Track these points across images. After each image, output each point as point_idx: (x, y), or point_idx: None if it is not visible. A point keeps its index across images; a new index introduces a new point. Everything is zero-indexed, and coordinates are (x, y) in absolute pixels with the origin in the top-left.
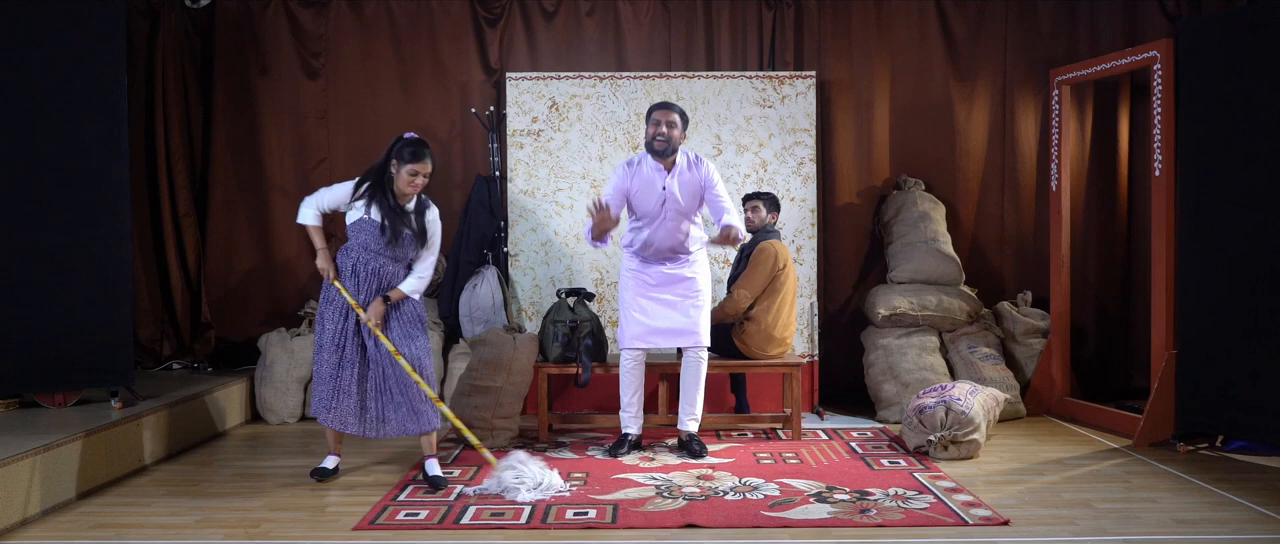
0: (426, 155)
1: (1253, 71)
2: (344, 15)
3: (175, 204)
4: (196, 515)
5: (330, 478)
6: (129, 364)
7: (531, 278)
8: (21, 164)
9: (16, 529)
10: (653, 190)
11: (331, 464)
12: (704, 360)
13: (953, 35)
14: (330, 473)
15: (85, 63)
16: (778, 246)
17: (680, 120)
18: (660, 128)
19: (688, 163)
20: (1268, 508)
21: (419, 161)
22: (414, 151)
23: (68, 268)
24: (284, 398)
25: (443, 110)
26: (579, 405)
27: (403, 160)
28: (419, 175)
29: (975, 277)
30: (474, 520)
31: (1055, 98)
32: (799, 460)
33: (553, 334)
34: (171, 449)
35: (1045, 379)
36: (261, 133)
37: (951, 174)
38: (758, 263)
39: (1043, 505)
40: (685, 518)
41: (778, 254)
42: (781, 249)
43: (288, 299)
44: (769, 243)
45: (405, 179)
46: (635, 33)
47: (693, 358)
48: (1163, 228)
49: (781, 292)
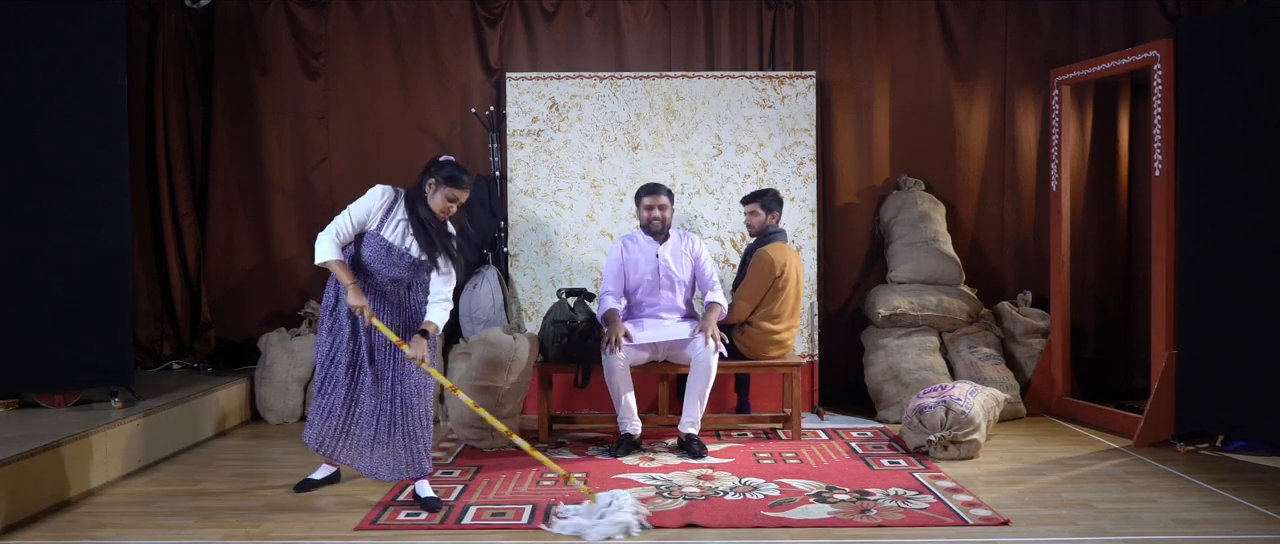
0: (468, 183)
1: (1253, 71)
2: (344, 15)
3: (175, 204)
4: (196, 515)
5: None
6: (129, 364)
7: (531, 278)
8: (21, 164)
9: (17, 529)
10: (647, 261)
11: (322, 474)
12: (713, 364)
13: (953, 35)
14: (318, 483)
15: (85, 63)
16: (774, 252)
17: (668, 200)
18: (652, 212)
19: (680, 235)
20: (1268, 508)
21: (461, 188)
22: (456, 176)
23: (68, 268)
24: (284, 398)
25: (443, 110)
26: (579, 405)
27: (443, 182)
28: (457, 202)
29: (975, 277)
30: (474, 520)
31: (1055, 98)
32: (799, 460)
33: (553, 334)
34: (171, 449)
35: (1045, 379)
36: (261, 133)
37: (951, 174)
38: (755, 271)
39: (1043, 505)
40: (685, 518)
41: (773, 260)
42: (779, 253)
43: (288, 299)
44: (766, 249)
45: (442, 203)
46: (635, 33)
47: (702, 357)
48: (1163, 228)
49: (782, 295)
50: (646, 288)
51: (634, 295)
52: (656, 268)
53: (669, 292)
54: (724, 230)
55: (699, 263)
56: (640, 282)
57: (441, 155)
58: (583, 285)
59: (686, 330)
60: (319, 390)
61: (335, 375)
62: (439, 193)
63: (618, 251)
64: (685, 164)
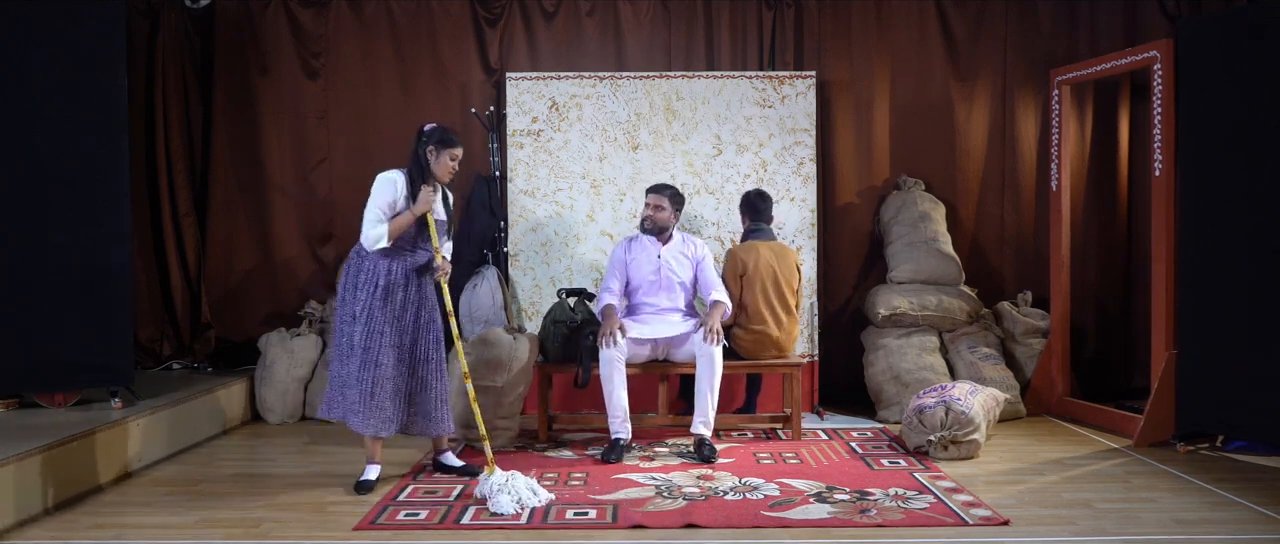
0: (458, 140)
1: (1253, 71)
2: (344, 15)
3: (175, 204)
4: (196, 515)
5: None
6: (129, 364)
7: (531, 278)
8: (21, 164)
9: (17, 529)
10: (649, 261)
11: (375, 474)
12: (718, 359)
13: (953, 35)
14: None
15: (85, 63)
16: (740, 252)
17: (669, 202)
18: (648, 210)
19: (682, 238)
20: (1268, 508)
21: (456, 146)
22: (448, 136)
23: (68, 268)
24: (284, 398)
25: (443, 110)
26: (579, 405)
27: (442, 146)
28: (457, 161)
29: (975, 277)
30: (474, 520)
31: (1055, 98)
32: (799, 460)
33: (553, 334)
34: (171, 449)
35: (1045, 379)
36: (261, 133)
37: (951, 174)
38: (723, 271)
39: (1043, 505)
40: (685, 518)
41: (738, 258)
42: (744, 252)
43: (288, 299)
44: (733, 248)
45: (446, 165)
46: (635, 33)
47: (705, 350)
48: (1163, 228)
49: (753, 291)
50: (647, 288)
51: (635, 295)
52: (658, 269)
53: (669, 292)
54: (724, 230)
55: (701, 267)
56: (641, 282)
57: (424, 124)
58: (583, 285)
59: (686, 327)
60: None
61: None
62: (442, 156)
63: (621, 251)
64: (685, 164)
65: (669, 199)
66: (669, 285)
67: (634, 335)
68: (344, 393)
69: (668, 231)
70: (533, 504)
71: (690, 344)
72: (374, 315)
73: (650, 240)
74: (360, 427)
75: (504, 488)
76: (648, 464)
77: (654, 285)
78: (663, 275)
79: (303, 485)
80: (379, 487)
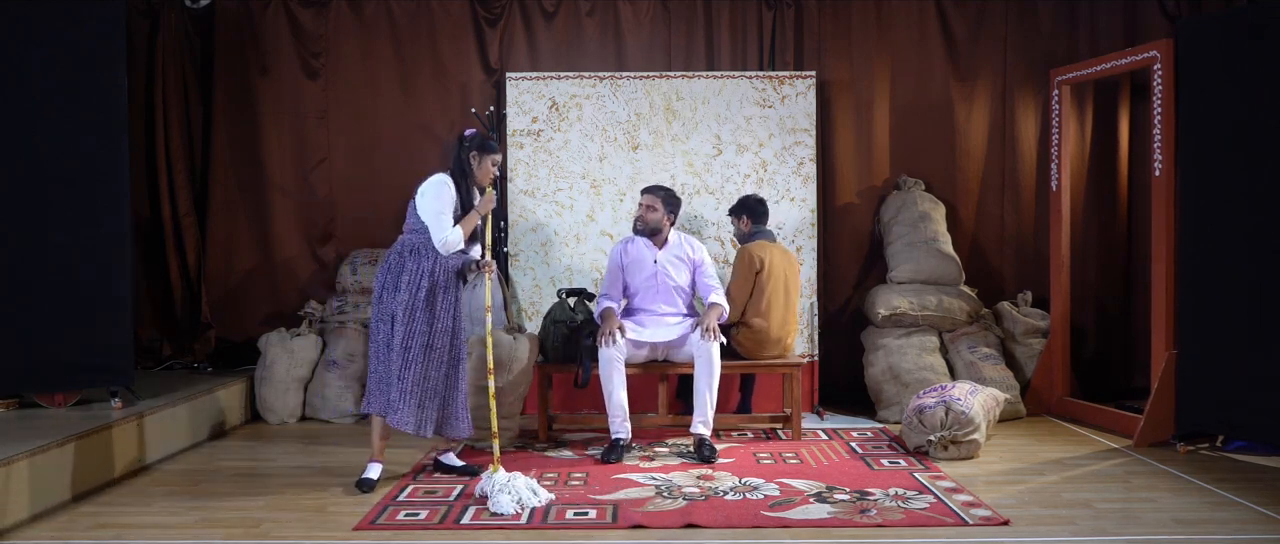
0: (496, 146)
1: (1253, 71)
2: (344, 15)
3: (175, 204)
4: (196, 515)
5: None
6: (129, 364)
7: (531, 278)
8: (21, 164)
9: (17, 529)
10: (645, 264)
11: (377, 472)
12: (716, 358)
13: (953, 35)
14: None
15: (85, 63)
16: (755, 249)
17: (662, 203)
18: (640, 210)
19: (680, 240)
20: (1268, 508)
21: (496, 152)
22: (488, 143)
23: (68, 268)
24: (284, 398)
25: (443, 110)
26: (579, 405)
27: (484, 151)
28: (498, 165)
29: (975, 277)
30: (474, 520)
31: (1055, 98)
32: (799, 460)
33: (553, 334)
34: (171, 449)
35: (1045, 379)
36: (261, 133)
37: (951, 174)
38: (736, 269)
39: (1043, 505)
40: (685, 518)
41: (753, 256)
42: (760, 250)
43: (288, 299)
44: (747, 246)
45: (489, 169)
46: (635, 33)
47: (703, 349)
48: (1163, 228)
49: (765, 292)
50: (644, 293)
51: (633, 299)
52: (654, 274)
53: (666, 298)
54: (724, 230)
55: (699, 270)
56: (639, 286)
57: (465, 130)
58: (583, 285)
59: (685, 329)
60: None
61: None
62: (484, 161)
63: (618, 256)
64: (685, 164)
65: (662, 200)
66: (665, 290)
67: (633, 337)
68: (383, 389)
69: (662, 233)
70: (533, 504)
71: (689, 345)
72: (416, 315)
73: (646, 243)
74: (400, 423)
75: (504, 488)
76: (648, 464)
77: (651, 290)
78: (660, 281)
79: (303, 485)
80: (379, 486)
